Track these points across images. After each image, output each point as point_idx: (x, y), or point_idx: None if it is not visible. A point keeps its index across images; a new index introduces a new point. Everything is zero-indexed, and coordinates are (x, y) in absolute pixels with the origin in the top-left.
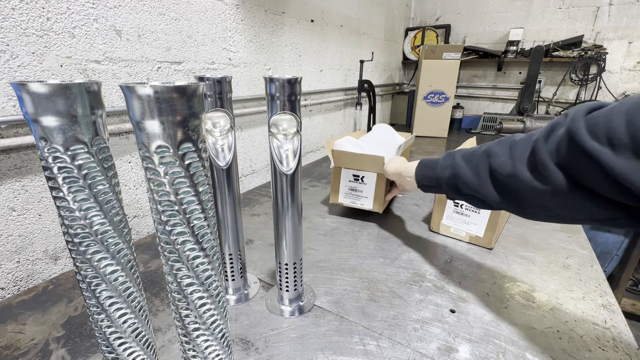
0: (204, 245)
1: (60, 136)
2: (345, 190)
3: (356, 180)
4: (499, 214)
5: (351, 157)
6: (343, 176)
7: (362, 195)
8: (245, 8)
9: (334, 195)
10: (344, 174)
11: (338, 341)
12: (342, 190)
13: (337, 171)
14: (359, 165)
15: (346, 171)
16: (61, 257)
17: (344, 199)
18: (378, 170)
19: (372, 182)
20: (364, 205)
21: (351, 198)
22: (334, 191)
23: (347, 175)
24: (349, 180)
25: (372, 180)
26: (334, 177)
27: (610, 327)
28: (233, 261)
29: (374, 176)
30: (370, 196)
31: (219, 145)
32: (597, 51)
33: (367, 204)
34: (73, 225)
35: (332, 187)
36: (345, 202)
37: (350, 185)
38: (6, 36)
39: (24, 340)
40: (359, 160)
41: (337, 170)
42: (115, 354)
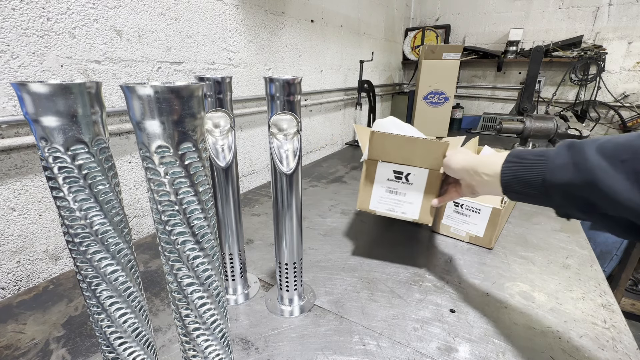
0: (204, 245)
1: (61, 136)
2: (381, 192)
3: (398, 179)
4: (499, 213)
5: (397, 143)
6: (380, 173)
7: (405, 201)
8: (245, 8)
9: (363, 199)
10: (381, 170)
11: (338, 341)
12: (377, 193)
13: (372, 166)
14: (405, 156)
15: (385, 166)
16: (61, 257)
17: (378, 204)
18: (433, 164)
19: (422, 182)
20: (406, 214)
21: (388, 204)
22: (364, 194)
23: (386, 171)
24: (387, 178)
25: (421, 179)
26: (365, 174)
27: (610, 327)
28: (233, 261)
29: (425, 173)
30: (417, 202)
31: (219, 145)
32: (596, 51)
33: (412, 213)
34: (73, 225)
35: (362, 189)
36: (380, 210)
37: (388, 186)
38: (7, 36)
39: (24, 340)
40: (409, 148)
41: (371, 165)
42: (116, 353)
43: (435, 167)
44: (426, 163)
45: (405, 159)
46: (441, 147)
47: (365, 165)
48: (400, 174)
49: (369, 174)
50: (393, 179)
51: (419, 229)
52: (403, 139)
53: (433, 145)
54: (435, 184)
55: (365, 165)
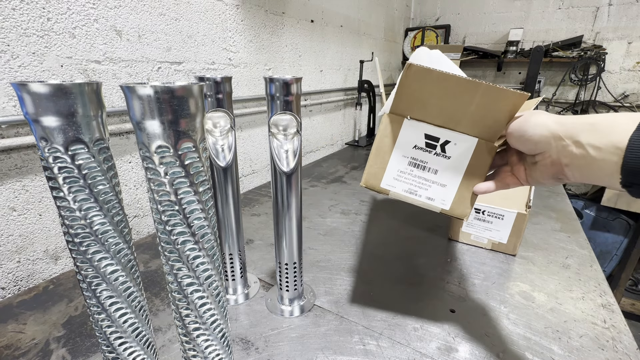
0: (204, 245)
1: (61, 136)
2: (401, 165)
3: (430, 148)
4: (525, 219)
5: (446, 88)
6: (404, 136)
7: (435, 181)
8: (245, 8)
9: (374, 171)
10: (407, 131)
11: (338, 341)
12: (394, 165)
13: (394, 124)
14: (450, 112)
15: (414, 126)
16: (61, 257)
17: (395, 182)
18: (489, 129)
19: (464, 157)
20: (434, 202)
21: (409, 183)
22: (375, 164)
23: (414, 134)
24: (414, 145)
25: (464, 152)
26: (381, 136)
27: (610, 327)
28: (233, 261)
29: (472, 144)
30: (453, 184)
31: (219, 145)
32: (596, 51)
33: (442, 200)
34: (73, 225)
35: (374, 157)
36: (396, 191)
37: (413, 157)
38: (7, 36)
39: (24, 340)
40: (461, 98)
41: (393, 123)
42: (116, 353)
43: (490, 136)
44: (478, 127)
45: (448, 118)
46: (515, 100)
47: (384, 121)
48: (436, 140)
49: (388, 135)
50: (423, 146)
51: (432, 234)
52: (460, 81)
53: (502, 97)
54: (484, 161)
55: (385, 122)
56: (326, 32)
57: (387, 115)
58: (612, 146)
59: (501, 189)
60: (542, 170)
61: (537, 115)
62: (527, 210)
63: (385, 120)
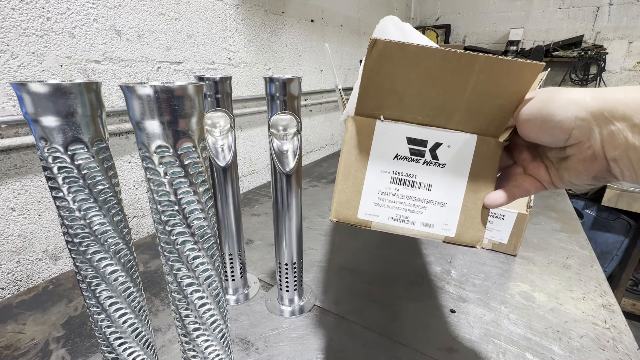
0: (203, 245)
1: (60, 136)
2: (380, 184)
3: (417, 156)
4: (525, 219)
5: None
6: (379, 143)
7: (431, 200)
8: (245, 8)
9: (345, 199)
10: (382, 136)
11: (338, 341)
12: (372, 186)
13: (363, 129)
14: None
15: (390, 129)
16: (61, 257)
17: (376, 209)
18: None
19: (463, 161)
20: (433, 229)
21: (395, 207)
22: (346, 189)
23: (391, 139)
24: (394, 155)
25: (462, 156)
26: (348, 148)
27: (610, 327)
28: (233, 261)
29: (471, 143)
30: (455, 202)
31: (219, 145)
32: (597, 51)
33: (443, 224)
34: (73, 225)
35: (342, 180)
36: (379, 221)
37: (396, 171)
38: (6, 36)
39: (24, 340)
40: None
41: (362, 127)
42: (115, 354)
43: (493, 129)
44: (476, 119)
45: (436, 112)
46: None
47: (349, 128)
48: (422, 145)
49: (357, 146)
50: (407, 155)
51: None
52: (449, 56)
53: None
54: (491, 164)
55: (350, 129)
56: (326, 31)
57: (351, 119)
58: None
59: (520, 196)
60: (577, 168)
61: (562, 91)
62: (528, 210)
63: (351, 126)
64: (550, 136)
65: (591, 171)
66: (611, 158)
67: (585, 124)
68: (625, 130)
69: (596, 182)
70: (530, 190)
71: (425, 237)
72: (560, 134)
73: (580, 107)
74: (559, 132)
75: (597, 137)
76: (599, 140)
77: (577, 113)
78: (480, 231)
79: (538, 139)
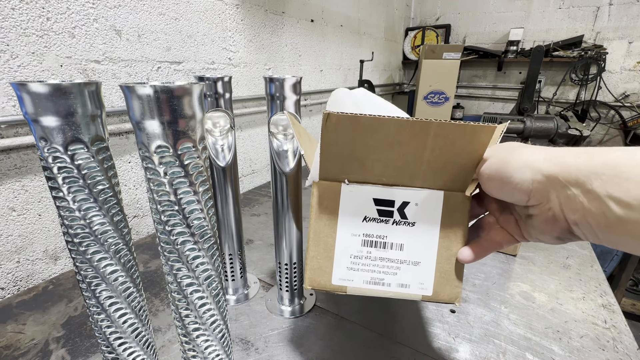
0: (203, 245)
1: (60, 136)
2: (352, 248)
3: (386, 217)
4: None
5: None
6: (347, 207)
7: (405, 260)
8: (245, 8)
9: (318, 266)
10: (349, 199)
11: (338, 341)
12: (343, 251)
13: (329, 193)
14: (399, 164)
15: (356, 191)
16: (61, 257)
17: (349, 274)
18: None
19: (433, 218)
20: (410, 289)
21: (368, 271)
22: (317, 256)
23: (358, 202)
24: (363, 217)
25: (431, 212)
26: (316, 214)
27: (611, 327)
28: (233, 261)
29: (438, 199)
30: (428, 261)
31: (219, 145)
32: (597, 51)
33: (419, 284)
34: (73, 225)
35: (313, 245)
36: (356, 285)
37: (367, 233)
38: (6, 36)
39: (24, 340)
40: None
41: (327, 192)
42: (115, 354)
43: (458, 185)
44: (440, 177)
45: (399, 173)
46: (480, 136)
47: (314, 193)
48: (390, 205)
49: (324, 211)
50: (375, 216)
51: None
52: (402, 124)
53: (461, 134)
54: (460, 218)
55: (316, 195)
56: (326, 31)
57: (316, 184)
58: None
59: (493, 250)
60: (541, 228)
61: (518, 151)
62: None
63: (316, 191)
64: (511, 197)
65: (554, 232)
66: (572, 221)
67: (543, 186)
68: (581, 196)
69: (561, 241)
70: (502, 243)
71: (402, 297)
72: (520, 196)
73: (535, 171)
74: (518, 193)
75: (555, 200)
76: (557, 203)
77: (533, 176)
78: (457, 287)
79: (501, 197)
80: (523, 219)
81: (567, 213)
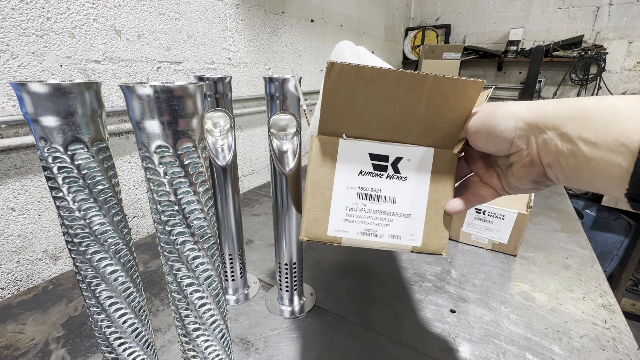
0: (203, 245)
1: (60, 136)
2: (347, 200)
3: (380, 171)
4: (526, 219)
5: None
6: (344, 161)
7: (396, 213)
8: (245, 8)
9: (313, 217)
10: (346, 154)
11: (338, 341)
12: (339, 204)
13: (327, 148)
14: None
15: (353, 146)
16: (61, 257)
17: (344, 225)
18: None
19: (423, 174)
20: (400, 240)
21: (363, 222)
22: (314, 207)
23: (355, 157)
24: (358, 171)
25: (422, 168)
26: (314, 167)
27: (611, 327)
28: (233, 261)
29: (429, 156)
30: (418, 213)
31: (219, 145)
32: (597, 51)
33: (410, 235)
34: (73, 225)
35: (310, 198)
36: (349, 236)
37: (362, 186)
38: (6, 36)
39: (24, 340)
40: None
41: (326, 146)
42: (115, 354)
43: (447, 142)
44: (431, 133)
45: (395, 128)
46: (470, 89)
47: (313, 147)
48: (385, 160)
49: (322, 164)
50: (371, 170)
51: None
52: (401, 76)
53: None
54: (448, 174)
55: (315, 148)
56: (326, 31)
57: (315, 139)
58: (616, 142)
59: (477, 203)
60: (519, 174)
61: (502, 105)
62: (528, 210)
63: (315, 144)
64: (495, 146)
65: (531, 176)
66: (546, 164)
67: (524, 133)
68: (555, 139)
69: (536, 186)
70: (486, 197)
71: (393, 248)
72: (504, 144)
73: (518, 119)
74: (502, 141)
75: (533, 145)
76: (535, 148)
77: (516, 124)
78: (444, 239)
79: (486, 148)
80: (504, 169)
81: (543, 156)
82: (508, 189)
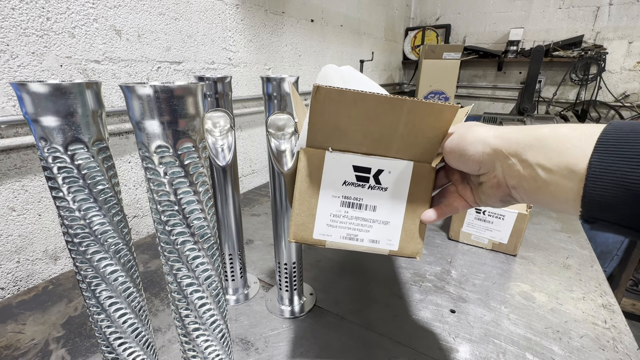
0: (203, 245)
1: (60, 136)
2: (332, 207)
3: (362, 182)
4: (526, 219)
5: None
6: (329, 172)
7: (376, 220)
8: (245, 8)
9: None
10: (331, 166)
11: (338, 341)
12: (324, 210)
13: (314, 159)
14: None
15: (338, 159)
16: (61, 257)
17: (329, 230)
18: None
19: (402, 185)
20: (379, 244)
21: (346, 228)
22: (302, 212)
23: (340, 168)
24: (343, 181)
25: (401, 181)
26: (302, 177)
27: (611, 327)
28: (233, 261)
29: (408, 169)
30: (396, 220)
31: (219, 145)
32: (597, 51)
33: (388, 240)
34: (73, 225)
35: (298, 204)
36: (333, 240)
37: (345, 196)
38: (6, 36)
39: (24, 340)
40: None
41: (313, 158)
42: (115, 354)
43: (426, 157)
44: (411, 149)
45: (376, 144)
46: (445, 114)
47: (301, 159)
48: (367, 172)
49: (310, 174)
50: (354, 181)
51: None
52: (381, 100)
53: (430, 112)
54: (425, 186)
55: (303, 160)
56: (326, 31)
57: (303, 151)
58: (566, 169)
59: (450, 214)
60: (489, 192)
61: (474, 129)
62: (528, 210)
63: (303, 157)
64: (466, 166)
65: (498, 195)
66: (511, 186)
67: (490, 158)
68: (518, 164)
69: (504, 204)
70: (458, 208)
71: (372, 251)
72: (473, 165)
73: (485, 145)
74: (471, 164)
75: (499, 169)
76: (501, 171)
77: (483, 149)
78: (419, 244)
79: (459, 167)
80: (476, 186)
81: (508, 179)
82: (479, 203)
